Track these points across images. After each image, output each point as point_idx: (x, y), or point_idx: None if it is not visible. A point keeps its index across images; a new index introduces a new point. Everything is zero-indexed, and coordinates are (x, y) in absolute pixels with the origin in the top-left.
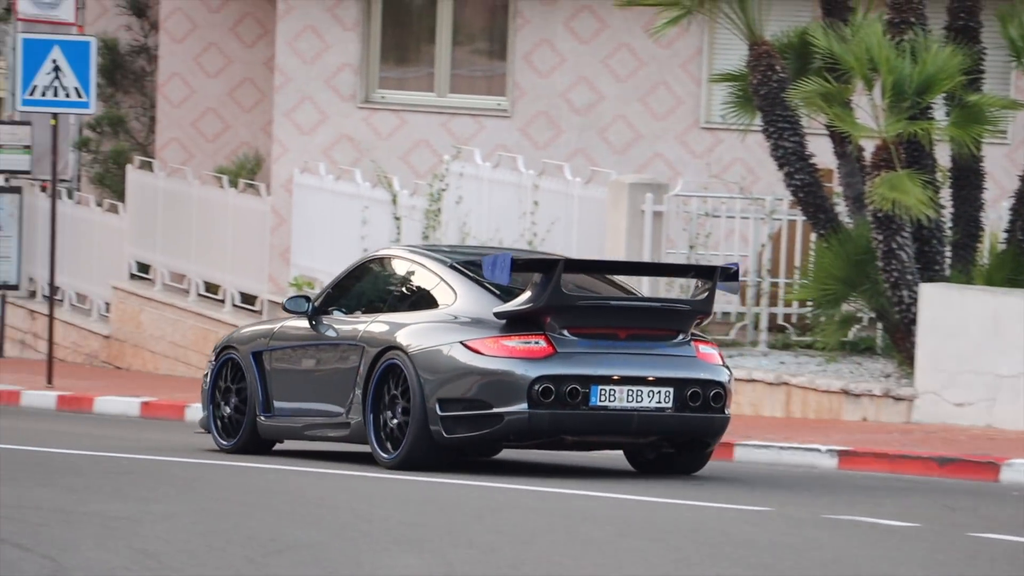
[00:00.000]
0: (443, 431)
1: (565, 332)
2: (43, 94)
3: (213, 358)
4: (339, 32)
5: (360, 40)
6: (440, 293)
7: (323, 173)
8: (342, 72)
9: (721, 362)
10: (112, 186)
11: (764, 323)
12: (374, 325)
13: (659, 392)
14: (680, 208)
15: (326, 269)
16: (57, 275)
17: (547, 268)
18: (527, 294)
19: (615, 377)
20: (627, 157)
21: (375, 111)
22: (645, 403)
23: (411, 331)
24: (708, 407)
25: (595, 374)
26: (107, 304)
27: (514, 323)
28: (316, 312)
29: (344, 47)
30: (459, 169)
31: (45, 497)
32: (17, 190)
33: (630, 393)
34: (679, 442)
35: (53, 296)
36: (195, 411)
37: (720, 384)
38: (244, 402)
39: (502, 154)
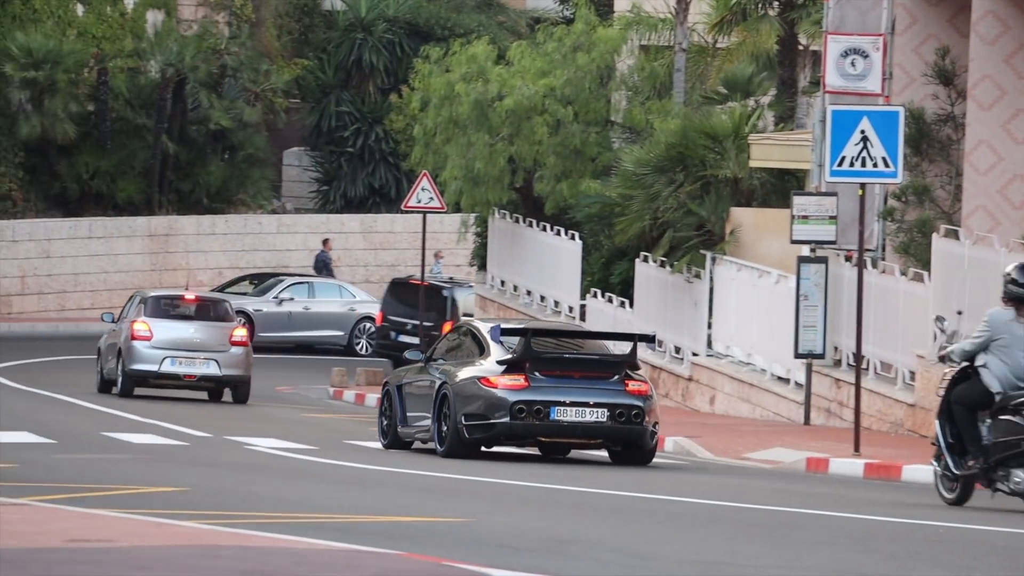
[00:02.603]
0: (465, 433)
1: (537, 373)
2: (851, 164)
3: (380, 389)
4: None
5: None
6: (480, 349)
7: None
8: None
9: (645, 393)
10: (916, 255)
11: None
12: (445, 367)
13: (597, 411)
14: None
15: None
16: (862, 344)
17: (523, 333)
18: (515, 351)
19: (567, 401)
20: None
21: None
22: (587, 419)
23: (458, 372)
24: (631, 421)
25: (554, 399)
26: (911, 373)
27: (509, 367)
28: (428, 360)
29: None
30: None
31: (866, 563)
32: (823, 260)
33: (577, 412)
34: (620, 443)
35: (859, 365)
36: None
37: (639, 407)
38: (392, 417)
39: None
